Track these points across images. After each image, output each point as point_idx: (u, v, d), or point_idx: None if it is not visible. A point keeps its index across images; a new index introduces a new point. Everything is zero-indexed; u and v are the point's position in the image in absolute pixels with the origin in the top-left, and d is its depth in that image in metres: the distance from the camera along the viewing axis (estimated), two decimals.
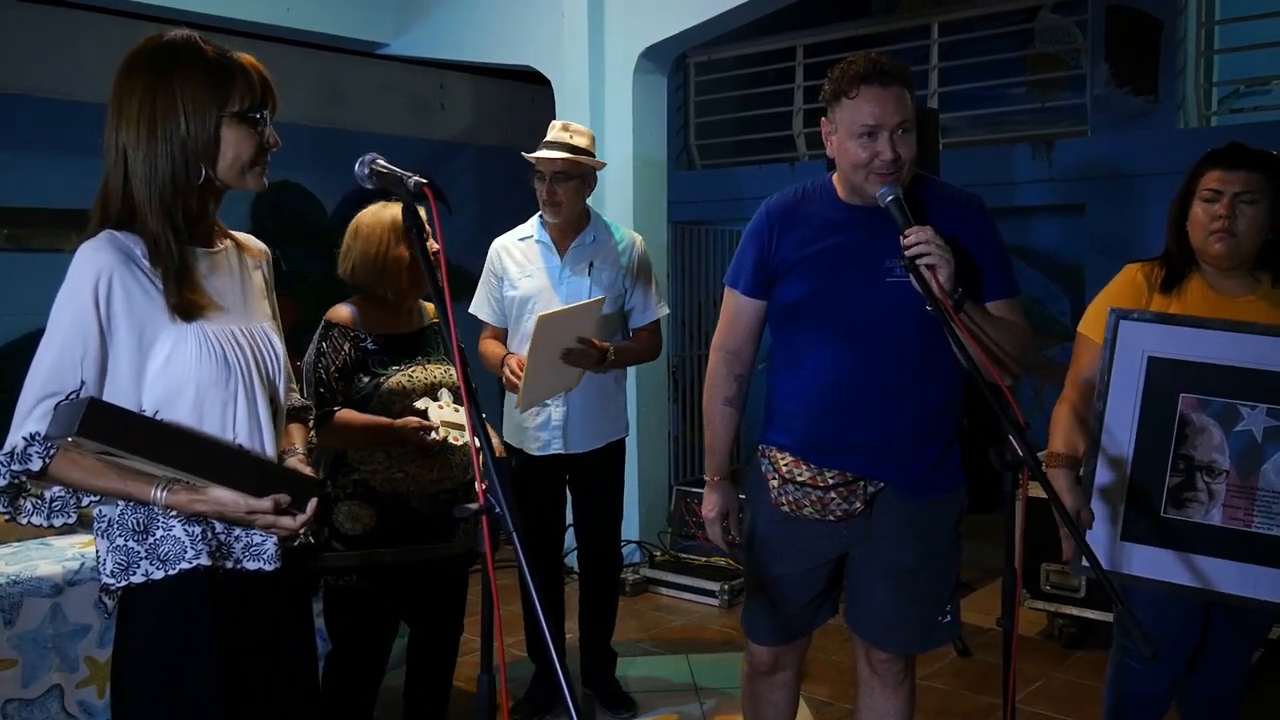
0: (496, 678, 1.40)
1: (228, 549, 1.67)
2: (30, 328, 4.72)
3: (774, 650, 2.39)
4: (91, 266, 1.57)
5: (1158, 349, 2.17)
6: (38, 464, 1.53)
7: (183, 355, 1.61)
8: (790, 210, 2.25)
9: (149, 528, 1.62)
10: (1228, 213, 2.18)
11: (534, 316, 3.15)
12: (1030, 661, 3.83)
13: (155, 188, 1.60)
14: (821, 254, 2.18)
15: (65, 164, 4.62)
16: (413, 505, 2.64)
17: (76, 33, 4.76)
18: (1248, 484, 2.14)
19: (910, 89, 2.08)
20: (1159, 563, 2.19)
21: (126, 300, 1.58)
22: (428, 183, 1.52)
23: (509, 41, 5.24)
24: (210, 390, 1.63)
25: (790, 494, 2.24)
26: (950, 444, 2.25)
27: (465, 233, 5.64)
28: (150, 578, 1.62)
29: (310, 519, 1.66)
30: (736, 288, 2.31)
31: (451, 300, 1.44)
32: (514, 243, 3.37)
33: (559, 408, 3.28)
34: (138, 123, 1.60)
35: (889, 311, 2.12)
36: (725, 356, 2.36)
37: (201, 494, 1.58)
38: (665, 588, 4.78)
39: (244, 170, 1.66)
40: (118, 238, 1.60)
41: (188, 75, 1.60)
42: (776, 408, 2.31)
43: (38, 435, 1.53)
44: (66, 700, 2.37)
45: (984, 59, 5.64)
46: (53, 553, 2.48)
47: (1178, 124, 4.93)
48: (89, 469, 1.56)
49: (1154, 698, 2.35)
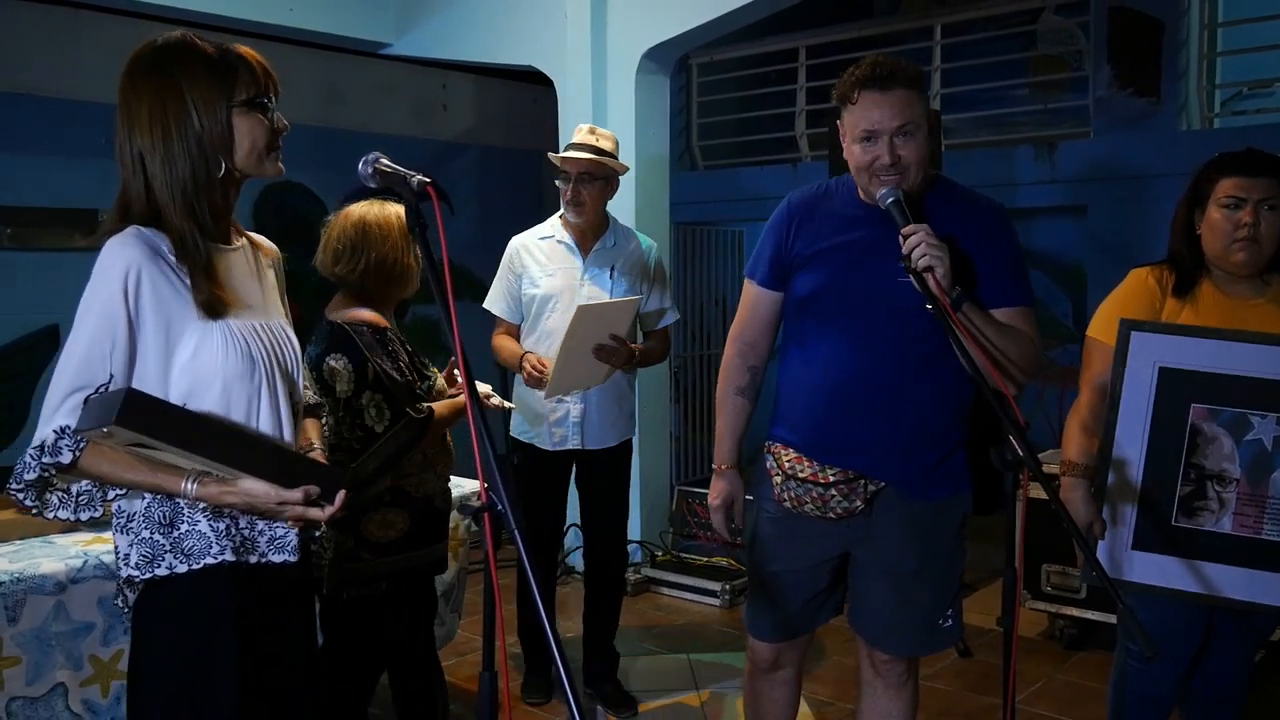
0: (498, 675, 1.40)
1: (252, 543, 1.69)
2: (34, 326, 4.74)
3: (775, 647, 2.40)
4: (120, 261, 1.58)
5: (1169, 360, 2.17)
6: (68, 457, 1.54)
7: (209, 350, 1.62)
8: (811, 205, 2.27)
9: (174, 521, 1.64)
10: (1254, 220, 2.16)
11: (555, 314, 3.29)
12: (1031, 662, 3.83)
13: (177, 187, 1.62)
14: (836, 250, 2.19)
15: (68, 163, 4.64)
16: (436, 504, 2.63)
17: (79, 32, 4.77)
18: (1258, 492, 2.15)
19: (916, 89, 2.08)
20: (1169, 570, 2.21)
21: (154, 294, 1.59)
22: (431, 182, 1.53)
23: (511, 42, 5.25)
24: (236, 385, 1.65)
25: (792, 490, 2.24)
26: (956, 447, 2.25)
27: (467, 233, 5.66)
28: (174, 571, 1.64)
29: (338, 510, 1.67)
30: (754, 279, 2.33)
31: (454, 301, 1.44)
32: (535, 241, 3.43)
33: (577, 405, 3.36)
34: (151, 127, 1.62)
35: (898, 311, 2.12)
36: (740, 347, 2.37)
37: (232, 486, 1.59)
38: (666, 587, 4.78)
39: (261, 157, 1.69)
40: (144, 233, 1.61)
41: (192, 72, 1.62)
42: (783, 402, 2.32)
43: (68, 429, 1.54)
44: (71, 699, 2.37)
45: (986, 60, 5.64)
46: (56, 550, 2.48)
47: (1180, 126, 4.92)
48: (119, 462, 1.57)
49: (1157, 698, 2.36)
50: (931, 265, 1.97)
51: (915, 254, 1.98)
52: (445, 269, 1.43)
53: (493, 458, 1.35)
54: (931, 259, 1.97)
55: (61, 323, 4.76)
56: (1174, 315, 2.27)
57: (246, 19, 4.89)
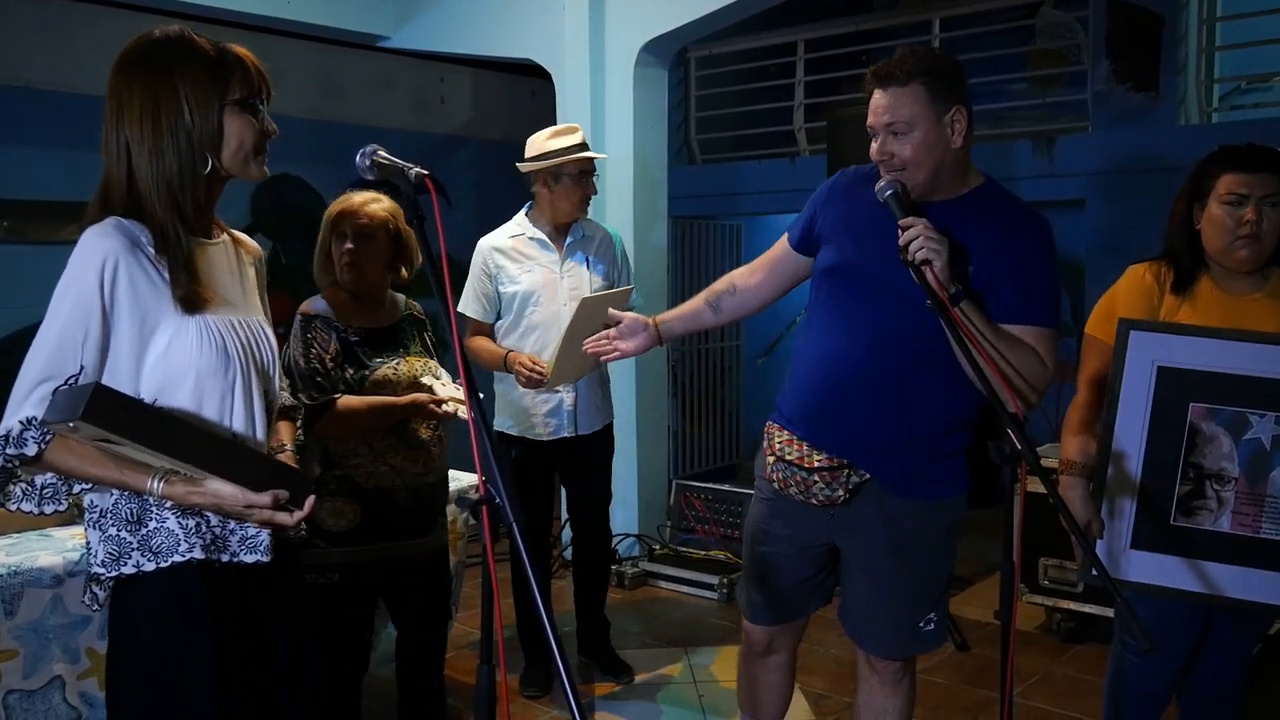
0: (496, 669, 1.40)
1: (223, 542, 1.66)
2: (30, 320, 4.67)
3: (769, 630, 2.41)
4: (98, 251, 1.57)
5: (1168, 359, 2.17)
6: (33, 449, 1.52)
7: (183, 344, 1.60)
8: (851, 185, 2.28)
9: (142, 519, 1.62)
10: (1257, 217, 2.14)
11: (540, 309, 3.40)
12: (1028, 656, 3.84)
13: (162, 181, 1.61)
14: (853, 231, 2.20)
15: (65, 156, 4.61)
16: (397, 500, 2.63)
17: (76, 26, 4.76)
18: (1256, 491, 2.15)
19: (918, 84, 2.03)
20: (1168, 569, 2.21)
21: (131, 286, 1.57)
22: (429, 175, 1.52)
23: (509, 35, 5.24)
24: (209, 380, 1.63)
25: (780, 471, 2.26)
26: (953, 452, 2.22)
27: (465, 226, 5.63)
28: (141, 569, 1.62)
29: (306, 515, 1.65)
30: (789, 235, 2.37)
31: (453, 294, 1.44)
32: (505, 241, 3.50)
33: (569, 393, 3.47)
34: (141, 118, 1.60)
35: (904, 304, 2.08)
36: (738, 270, 2.45)
37: (199, 486, 1.57)
38: (664, 581, 4.79)
39: (248, 159, 1.68)
40: (125, 224, 1.60)
41: (186, 68, 1.61)
42: (787, 384, 2.33)
43: (34, 420, 1.52)
44: (68, 691, 2.38)
45: (985, 54, 5.62)
46: (53, 544, 2.48)
47: (1179, 120, 4.92)
48: (85, 456, 1.55)
49: (1153, 693, 2.36)
50: (929, 259, 1.96)
51: (912, 247, 1.97)
52: (444, 262, 1.42)
53: (490, 451, 1.35)
54: (929, 252, 1.96)
55: None
56: (1172, 311, 2.25)
57: (244, 11, 4.87)
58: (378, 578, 2.66)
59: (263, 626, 1.73)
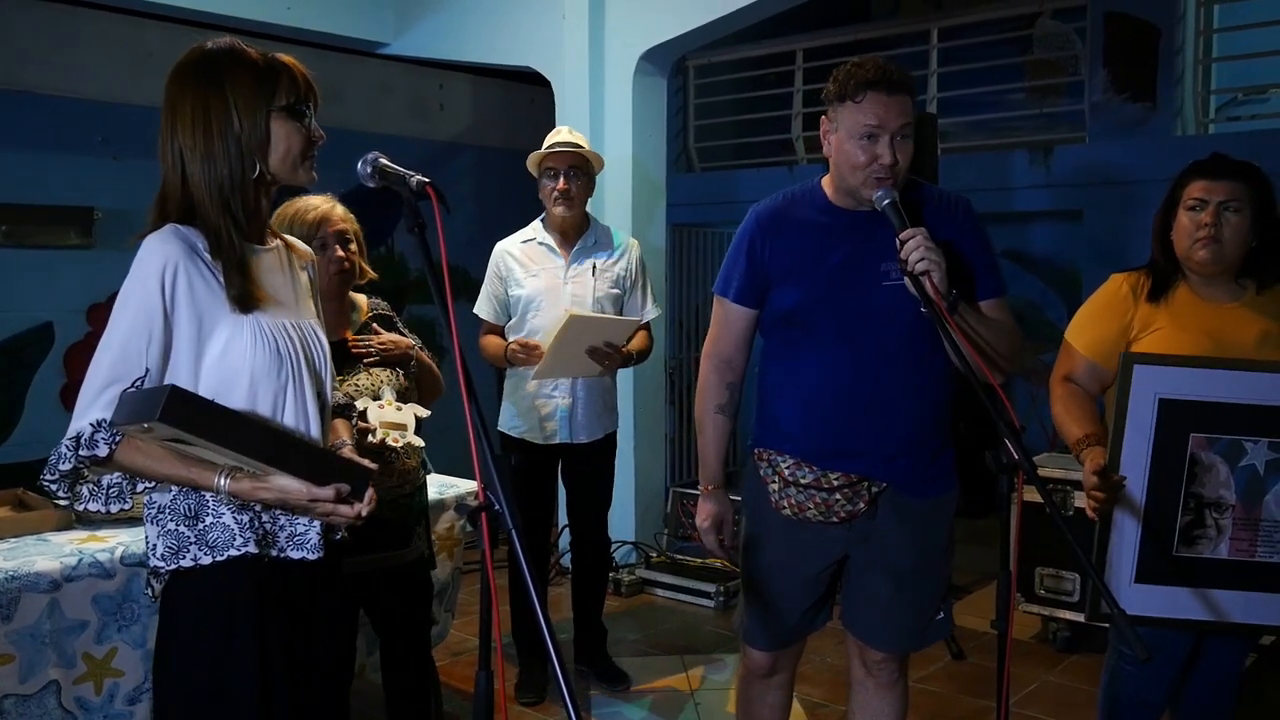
0: (494, 675, 1.40)
1: (273, 538, 1.71)
2: (30, 324, 4.72)
3: (772, 655, 2.40)
4: (159, 256, 1.62)
5: (1169, 391, 2.17)
6: (104, 450, 1.57)
7: (239, 345, 1.65)
8: (779, 216, 2.25)
9: (199, 514, 1.67)
10: (1213, 220, 2.21)
11: (540, 314, 3.45)
12: (1024, 665, 3.84)
13: (214, 185, 1.66)
14: (816, 260, 2.18)
15: (65, 161, 4.62)
16: (375, 515, 2.58)
17: (77, 30, 4.76)
18: (1251, 515, 2.17)
19: (913, 98, 2.12)
20: (1172, 600, 2.21)
21: (190, 290, 1.62)
22: (430, 182, 1.55)
23: (509, 42, 5.25)
24: (263, 381, 1.67)
25: (793, 497, 2.24)
26: (945, 444, 2.28)
27: (464, 233, 5.66)
28: (199, 563, 1.66)
29: (367, 507, 1.70)
30: (727, 296, 2.30)
31: (453, 300, 1.45)
32: (517, 245, 3.57)
33: (566, 399, 3.49)
34: (193, 126, 1.65)
35: (886, 315, 2.14)
36: (717, 365, 2.36)
37: (265, 482, 1.61)
38: (661, 589, 4.78)
39: (295, 164, 1.73)
40: (181, 230, 1.65)
41: (235, 76, 1.67)
42: (773, 414, 2.31)
43: (104, 422, 1.57)
44: (63, 696, 2.37)
45: (983, 64, 5.64)
46: (50, 549, 2.48)
47: (1175, 131, 4.93)
48: (153, 455, 1.60)
49: (1148, 702, 2.36)
50: (929, 269, 1.98)
51: (913, 258, 1.99)
52: (444, 269, 1.43)
53: (490, 458, 1.35)
54: (929, 263, 1.98)
55: (55, 321, 4.76)
56: (1146, 321, 2.29)
57: (244, 17, 4.88)
58: (356, 592, 2.62)
59: (307, 622, 1.77)
